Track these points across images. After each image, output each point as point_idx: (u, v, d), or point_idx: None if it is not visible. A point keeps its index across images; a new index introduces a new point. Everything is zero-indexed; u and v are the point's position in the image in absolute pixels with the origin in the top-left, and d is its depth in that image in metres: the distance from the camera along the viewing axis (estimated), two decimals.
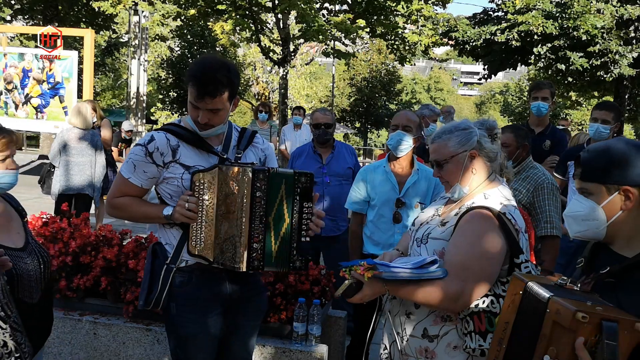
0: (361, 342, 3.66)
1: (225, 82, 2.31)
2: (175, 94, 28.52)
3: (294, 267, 2.42)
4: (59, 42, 10.55)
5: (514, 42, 13.35)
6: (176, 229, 2.41)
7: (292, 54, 16.64)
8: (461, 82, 78.59)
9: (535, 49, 13.12)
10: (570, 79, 14.33)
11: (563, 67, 13.16)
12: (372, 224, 3.63)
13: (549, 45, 12.99)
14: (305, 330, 3.20)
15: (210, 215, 2.33)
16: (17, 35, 21.48)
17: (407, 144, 3.52)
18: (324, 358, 3.16)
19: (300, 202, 2.38)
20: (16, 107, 11.04)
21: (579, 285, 1.59)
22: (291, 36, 15.92)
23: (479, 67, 19.81)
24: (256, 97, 30.25)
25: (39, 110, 11.05)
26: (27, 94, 11.05)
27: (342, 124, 34.21)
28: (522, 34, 13.09)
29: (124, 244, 3.59)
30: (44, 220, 3.76)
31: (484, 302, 1.93)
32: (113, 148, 8.84)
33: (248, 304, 2.58)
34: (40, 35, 10.49)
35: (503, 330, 1.64)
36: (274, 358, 3.18)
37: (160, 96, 30.21)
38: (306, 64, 30.40)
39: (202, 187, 2.33)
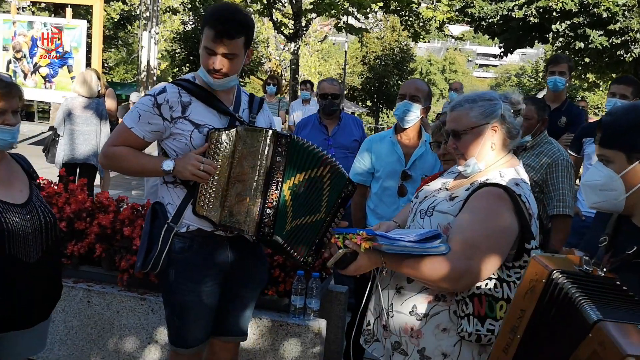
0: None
1: (243, 23, 2.24)
2: (188, 69, 28.35)
3: (304, 260, 2.35)
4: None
5: (531, 19, 13.03)
6: (180, 188, 2.32)
7: (304, 29, 16.39)
8: (476, 64, 77.70)
9: (553, 26, 12.80)
10: (588, 60, 13.99)
11: (582, 45, 12.84)
12: (376, 197, 3.49)
13: (568, 22, 12.66)
14: (304, 304, 3.09)
15: (223, 176, 2.25)
16: (29, 6, 21.35)
17: (414, 115, 3.36)
18: (322, 333, 3.05)
19: (338, 207, 2.34)
20: (25, 76, 10.97)
21: (604, 270, 1.44)
22: (303, 10, 15.66)
23: (495, 49, 19.40)
24: (268, 73, 30.03)
25: (47, 79, 10.97)
26: (36, 63, 10.97)
27: (353, 102, 33.92)
28: (541, 10, 12.77)
29: (120, 210, 3.49)
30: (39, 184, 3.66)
31: (486, 284, 1.79)
32: (120, 119, 8.73)
33: (249, 275, 2.51)
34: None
35: (518, 318, 1.49)
36: (271, 331, 3.08)
37: (174, 71, 30.06)
38: (319, 42, 30.07)
39: (218, 146, 2.24)
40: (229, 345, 2.57)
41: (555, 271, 1.41)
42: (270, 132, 2.24)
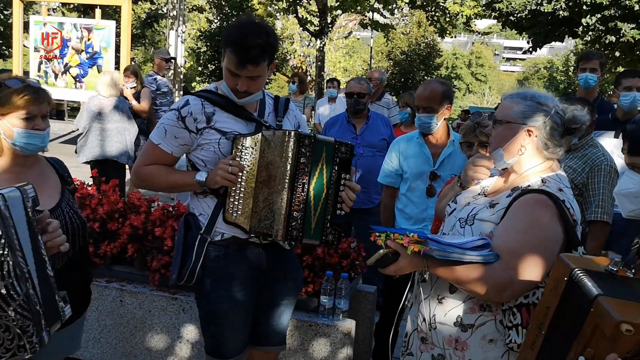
0: (390, 318, 3.56)
1: (267, 48, 2.20)
2: (213, 67, 28.52)
3: (326, 241, 2.33)
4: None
5: (561, 13, 12.80)
6: (210, 198, 2.32)
7: (330, 26, 16.37)
8: (503, 58, 76.61)
9: (583, 20, 12.54)
10: (618, 54, 13.68)
11: (613, 38, 12.56)
12: (405, 198, 3.48)
13: (599, 15, 12.38)
14: (333, 304, 3.10)
15: (250, 181, 2.25)
16: (59, 6, 21.75)
17: (434, 122, 3.33)
18: (351, 333, 3.06)
19: (338, 173, 2.29)
20: (56, 76, 11.19)
21: (633, 271, 1.42)
22: (328, 7, 15.64)
23: (522, 42, 19.07)
24: (293, 70, 30.03)
25: (77, 79, 11.18)
26: (66, 64, 11.18)
27: None
28: (570, 4, 12.54)
29: (151, 211, 3.54)
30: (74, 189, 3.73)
31: (534, 294, 1.73)
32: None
33: (285, 282, 2.50)
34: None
35: (543, 315, 1.51)
36: (300, 331, 3.10)
37: (199, 69, 30.29)
38: (344, 37, 29.97)
39: (243, 151, 2.24)
40: (269, 356, 2.57)
41: (577, 269, 1.42)
42: (293, 133, 2.22)
